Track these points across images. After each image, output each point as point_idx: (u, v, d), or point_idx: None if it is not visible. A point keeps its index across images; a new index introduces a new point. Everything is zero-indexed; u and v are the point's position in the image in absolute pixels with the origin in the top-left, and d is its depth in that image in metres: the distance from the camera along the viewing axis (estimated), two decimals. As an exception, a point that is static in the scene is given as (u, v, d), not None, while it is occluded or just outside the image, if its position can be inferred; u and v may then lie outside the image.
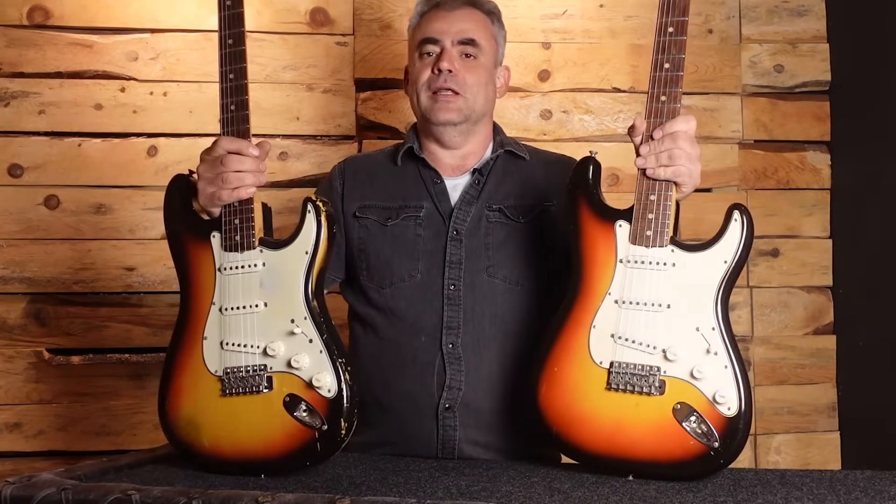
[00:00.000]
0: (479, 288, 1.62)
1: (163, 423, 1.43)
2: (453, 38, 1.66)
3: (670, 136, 1.37)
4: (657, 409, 1.34)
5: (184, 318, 1.43)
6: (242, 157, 1.39)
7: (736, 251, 1.35)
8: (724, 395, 1.31)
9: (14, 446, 2.30)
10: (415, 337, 1.61)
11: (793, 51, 2.58)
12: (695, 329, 1.35)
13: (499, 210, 1.67)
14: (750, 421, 1.33)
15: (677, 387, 1.34)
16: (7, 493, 1.20)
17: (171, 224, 1.44)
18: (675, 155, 1.36)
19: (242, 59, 1.39)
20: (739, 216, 1.35)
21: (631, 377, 1.36)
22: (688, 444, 1.32)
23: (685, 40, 1.37)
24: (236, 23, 1.40)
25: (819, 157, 2.59)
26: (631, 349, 1.36)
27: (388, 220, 1.67)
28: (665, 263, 1.36)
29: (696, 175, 1.39)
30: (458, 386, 1.59)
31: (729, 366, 1.33)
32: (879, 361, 2.40)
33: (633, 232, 1.38)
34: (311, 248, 1.37)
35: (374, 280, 1.66)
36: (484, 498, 1.21)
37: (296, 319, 1.36)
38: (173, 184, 1.44)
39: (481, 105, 1.68)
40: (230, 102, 1.39)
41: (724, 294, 1.35)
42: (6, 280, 2.31)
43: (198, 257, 1.41)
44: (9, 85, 2.31)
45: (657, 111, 1.38)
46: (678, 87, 1.37)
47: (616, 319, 1.38)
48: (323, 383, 1.34)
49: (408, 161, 1.73)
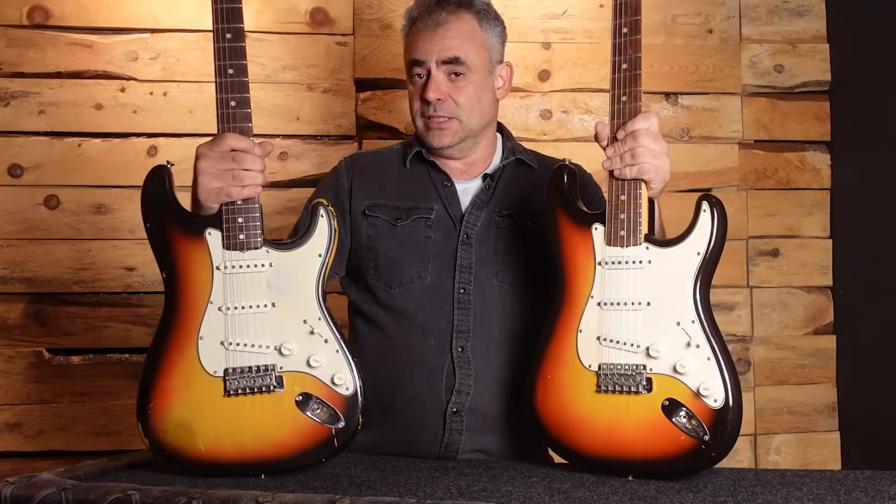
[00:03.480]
0: (488, 293, 1.62)
1: (145, 428, 1.36)
2: (438, 57, 1.61)
3: (631, 135, 1.38)
4: (647, 408, 1.35)
5: (171, 318, 1.38)
6: (253, 155, 1.37)
7: (708, 242, 1.35)
8: (707, 387, 1.31)
9: (14, 446, 2.30)
10: (424, 339, 1.60)
11: (793, 51, 2.58)
12: (675, 324, 1.35)
13: (508, 216, 1.66)
14: (740, 411, 1.32)
15: (664, 383, 1.34)
16: (7, 493, 1.20)
17: (154, 216, 1.39)
18: (637, 153, 1.37)
19: (243, 55, 1.37)
20: (708, 206, 1.35)
21: (619, 377, 1.37)
22: (679, 439, 1.32)
23: (640, 39, 1.39)
24: (234, 18, 1.37)
25: (819, 157, 2.59)
26: (616, 350, 1.38)
27: (398, 221, 1.66)
28: (641, 262, 1.38)
29: (664, 170, 1.40)
30: (467, 390, 1.58)
31: (712, 357, 1.32)
32: (879, 361, 2.40)
33: (607, 233, 1.40)
34: (324, 252, 1.39)
35: (381, 279, 1.64)
36: (484, 498, 1.21)
37: (309, 320, 1.37)
38: (154, 174, 1.39)
39: (477, 121, 1.66)
40: (230, 98, 1.37)
41: (701, 286, 1.35)
42: (6, 280, 2.31)
43: (188, 253, 1.37)
44: (9, 85, 2.32)
45: (620, 112, 1.40)
46: (638, 86, 1.39)
47: (599, 322, 1.39)
48: (344, 381, 1.36)
49: (416, 162, 1.71)
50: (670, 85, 2.53)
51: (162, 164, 1.40)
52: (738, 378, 1.34)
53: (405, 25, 1.70)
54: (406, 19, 1.70)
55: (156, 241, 1.39)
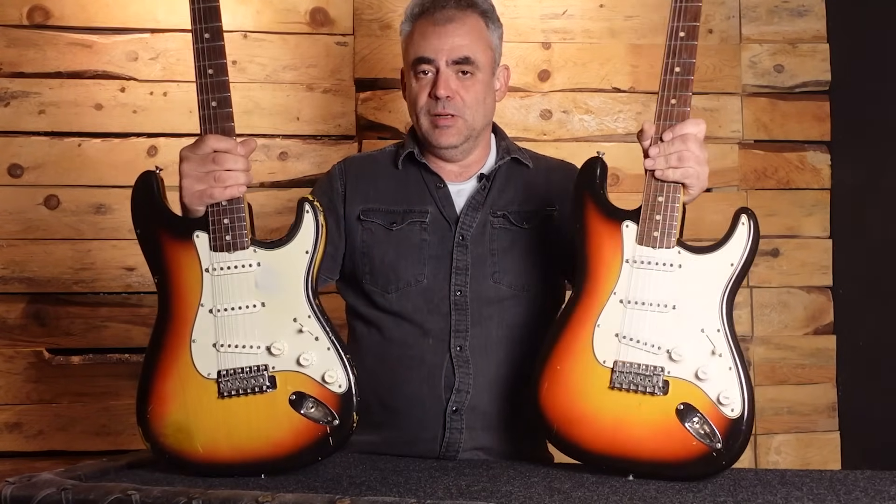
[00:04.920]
0: (485, 294, 1.62)
1: (145, 432, 1.37)
2: (448, 56, 1.61)
3: (680, 138, 1.37)
4: (660, 410, 1.34)
5: (165, 322, 1.38)
6: (234, 155, 1.37)
7: (742, 254, 1.36)
8: (728, 396, 1.32)
9: (14, 446, 2.30)
10: (422, 339, 1.60)
11: (793, 51, 2.58)
12: (700, 330, 1.35)
13: (503, 216, 1.66)
14: (752, 423, 1.33)
15: (681, 387, 1.34)
16: (7, 493, 1.20)
17: (144, 223, 1.39)
18: (684, 157, 1.37)
19: (222, 54, 1.36)
20: (747, 220, 1.36)
21: (635, 377, 1.36)
22: (690, 444, 1.32)
23: (696, 45, 1.38)
24: (212, 17, 1.36)
25: (819, 157, 2.59)
26: (635, 349, 1.37)
27: (393, 225, 1.66)
28: (671, 265, 1.37)
29: (704, 178, 1.40)
30: (466, 389, 1.58)
31: (733, 367, 1.33)
32: (879, 361, 2.40)
33: (640, 232, 1.39)
34: (311, 248, 1.38)
35: (378, 284, 1.65)
36: (484, 498, 1.21)
37: (299, 318, 1.37)
38: (142, 181, 1.39)
39: (481, 121, 1.66)
40: (210, 99, 1.36)
41: (729, 296, 1.36)
42: (6, 280, 2.31)
43: (178, 257, 1.38)
44: (9, 85, 2.32)
45: (667, 114, 1.39)
46: (688, 91, 1.38)
47: (621, 319, 1.38)
48: (335, 379, 1.35)
49: (409, 165, 1.71)
50: (670, 85, 2.53)
51: (150, 170, 1.39)
52: (754, 390, 1.35)
53: (406, 21, 1.68)
54: (407, 15, 1.68)
55: (146, 247, 1.40)
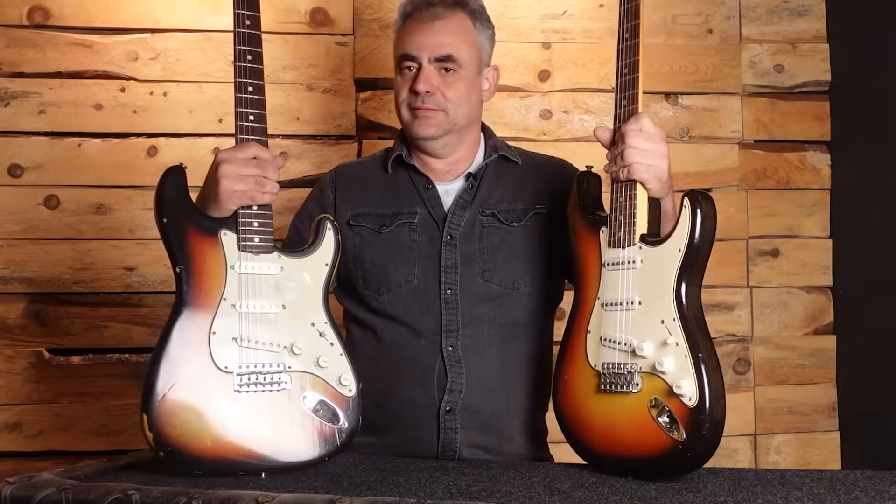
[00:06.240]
0: (475, 292, 1.63)
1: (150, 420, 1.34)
2: (430, 54, 1.62)
3: (621, 137, 1.40)
4: (638, 406, 1.36)
5: (183, 312, 1.38)
6: (273, 166, 1.43)
7: (688, 238, 1.35)
8: (680, 385, 1.31)
9: (14, 446, 2.30)
10: (414, 340, 1.61)
11: (793, 51, 2.58)
12: (660, 322, 1.35)
13: (492, 215, 1.67)
14: (718, 413, 1.30)
15: (651, 382, 1.35)
16: (7, 493, 1.20)
17: (171, 212, 1.41)
18: (626, 154, 1.39)
19: (261, 76, 1.46)
20: (689, 203, 1.35)
21: (615, 377, 1.38)
22: (661, 438, 1.32)
23: (639, 42, 1.42)
24: (254, 42, 1.46)
25: (819, 157, 2.59)
26: (613, 349, 1.40)
27: (383, 228, 1.67)
28: (634, 261, 1.39)
29: (658, 170, 1.40)
30: (458, 388, 1.59)
31: (688, 355, 1.31)
32: (879, 361, 2.40)
33: (608, 236, 1.43)
34: (331, 261, 1.50)
35: (370, 287, 1.66)
36: (484, 498, 1.21)
37: (317, 324, 1.46)
38: (172, 172, 1.43)
39: (464, 117, 1.66)
40: (248, 112, 1.45)
41: (684, 283, 1.35)
42: (6, 280, 2.31)
43: (203, 251, 1.41)
44: (9, 85, 2.32)
45: (620, 116, 1.43)
46: (636, 89, 1.41)
47: (601, 322, 1.42)
48: (348, 382, 1.46)
49: (398, 168, 1.73)
50: (670, 85, 2.53)
51: (177, 165, 1.43)
52: (720, 378, 1.32)
53: (398, 19, 1.71)
54: (400, 13, 1.71)
55: (172, 236, 1.41)
